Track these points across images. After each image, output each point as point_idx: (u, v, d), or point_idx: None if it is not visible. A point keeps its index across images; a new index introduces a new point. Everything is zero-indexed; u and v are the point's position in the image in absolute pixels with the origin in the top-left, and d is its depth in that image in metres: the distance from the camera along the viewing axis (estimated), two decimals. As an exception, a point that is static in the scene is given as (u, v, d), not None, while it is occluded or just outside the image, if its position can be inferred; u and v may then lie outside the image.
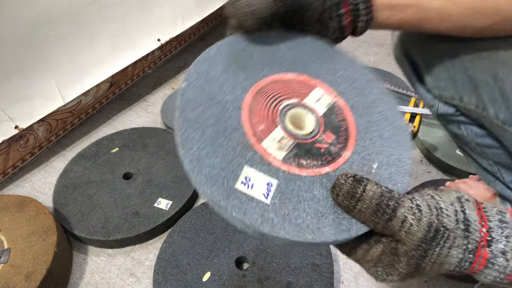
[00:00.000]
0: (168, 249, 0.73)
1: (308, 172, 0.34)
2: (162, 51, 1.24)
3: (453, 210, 0.32)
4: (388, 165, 0.36)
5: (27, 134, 0.93)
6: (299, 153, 0.35)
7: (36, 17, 0.87)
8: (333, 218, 0.33)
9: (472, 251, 0.31)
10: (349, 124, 0.38)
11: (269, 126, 0.36)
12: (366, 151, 0.37)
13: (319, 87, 0.40)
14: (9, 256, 0.68)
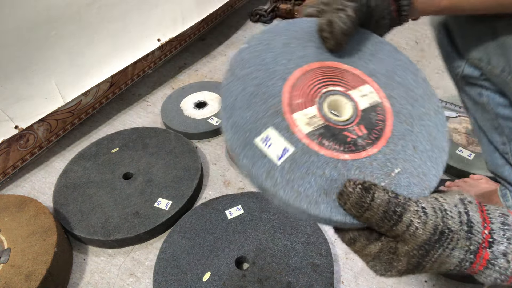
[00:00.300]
0: (168, 249, 0.73)
1: (327, 152, 0.35)
2: (162, 51, 1.24)
3: (457, 212, 0.32)
4: (411, 175, 0.36)
5: (27, 134, 0.93)
6: (325, 134, 0.36)
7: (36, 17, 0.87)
8: (335, 199, 0.34)
9: (474, 252, 0.32)
10: (386, 126, 0.39)
11: (306, 103, 0.38)
12: (393, 155, 0.37)
13: (369, 85, 0.41)
14: (9, 256, 0.68)
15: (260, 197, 0.80)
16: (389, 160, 0.37)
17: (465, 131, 0.90)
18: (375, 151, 0.37)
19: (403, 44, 1.30)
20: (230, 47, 1.39)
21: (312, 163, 0.35)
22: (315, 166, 0.35)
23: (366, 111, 0.39)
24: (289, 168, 0.34)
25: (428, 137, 0.39)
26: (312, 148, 0.36)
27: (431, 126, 0.40)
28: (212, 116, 1.04)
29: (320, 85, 0.39)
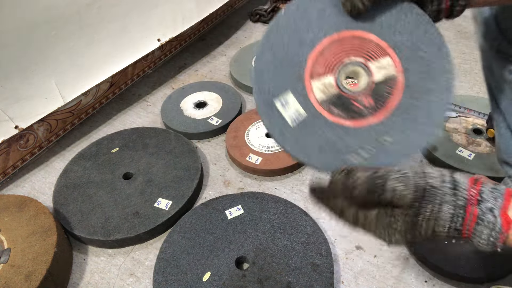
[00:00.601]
0: (168, 249, 0.73)
1: (333, 118, 0.42)
2: (162, 51, 1.24)
3: (439, 174, 0.36)
4: (400, 145, 0.42)
5: (27, 134, 0.93)
6: (336, 102, 0.42)
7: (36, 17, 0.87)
8: (332, 156, 0.42)
9: (462, 207, 0.34)
10: (393, 99, 0.42)
11: (326, 72, 0.43)
12: (391, 126, 0.42)
13: (390, 57, 0.43)
14: (9, 256, 0.68)
15: (260, 197, 0.80)
16: (386, 130, 0.42)
17: (465, 131, 0.90)
18: (376, 121, 0.42)
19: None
20: (230, 47, 1.39)
21: (318, 126, 0.42)
22: (319, 129, 0.42)
23: (379, 84, 0.42)
24: (298, 129, 0.42)
25: (429, 113, 0.42)
26: (321, 114, 0.42)
27: (435, 103, 0.42)
28: (212, 116, 1.04)
29: (343, 54, 0.43)
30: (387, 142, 0.42)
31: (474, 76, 1.13)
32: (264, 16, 1.51)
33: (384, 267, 0.71)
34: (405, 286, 0.68)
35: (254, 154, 0.91)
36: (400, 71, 0.42)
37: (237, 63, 1.25)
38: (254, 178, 0.90)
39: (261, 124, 0.99)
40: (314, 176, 0.89)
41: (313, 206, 0.82)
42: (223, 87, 1.15)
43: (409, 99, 0.42)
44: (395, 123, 0.42)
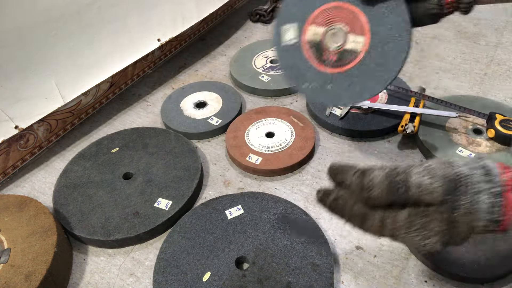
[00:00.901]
0: (168, 249, 0.73)
1: (307, 54, 0.62)
2: (162, 51, 1.24)
3: (465, 162, 0.32)
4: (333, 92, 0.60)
5: (27, 134, 0.93)
6: (315, 46, 0.61)
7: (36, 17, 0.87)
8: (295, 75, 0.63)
9: (499, 194, 0.30)
10: (347, 66, 0.58)
11: (321, 24, 0.60)
12: (335, 80, 0.59)
13: (364, 38, 0.57)
14: (9, 256, 0.68)
15: (260, 197, 0.80)
16: (331, 80, 0.59)
17: (465, 131, 0.90)
18: (329, 71, 0.60)
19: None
20: (230, 47, 1.39)
21: (296, 54, 0.62)
22: (296, 56, 0.62)
23: (346, 51, 0.58)
24: (285, 49, 0.63)
25: (362, 86, 0.57)
26: (302, 48, 0.62)
27: (373, 80, 0.56)
28: (212, 116, 1.04)
29: (337, 19, 0.59)
30: (328, 88, 0.60)
31: (474, 76, 1.13)
32: (264, 16, 1.51)
33: (384, 267, 0.71)
34: (405, 286, 0.68)
35: (254, 154, 0.91)
36: (364, 50, 0.57)
37: (237, 63, 1.25)
38: (254, 178, 0.90)
39: (261, 124, 0.99)
40: (313, 176, 0.89)
41: (313, 206, 0.82)
42: (223, 87, 1.15)
43: (356, 71, 0.57)
44: (338, 79, 0.59)
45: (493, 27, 1.33)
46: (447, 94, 1.07)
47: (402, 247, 0.73)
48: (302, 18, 0.62)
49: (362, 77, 0.57)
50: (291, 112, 1.02)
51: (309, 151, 0.91)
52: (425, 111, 0.94)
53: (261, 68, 1.21)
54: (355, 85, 0.57)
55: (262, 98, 1.14)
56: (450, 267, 0.66)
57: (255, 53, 1.28)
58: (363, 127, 0.95)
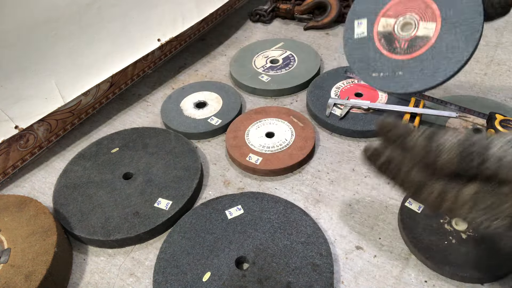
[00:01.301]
0: (168, 249, 0.73)
1: (378, 45, 0.65)
2: (162, 51, 1.24)
3: None
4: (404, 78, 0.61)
5: (27, 134, 0.93)
6: (386, 36, 0.64)
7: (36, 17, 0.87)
8: (363, 66, 0.67)
9: None
10: (419, 51, 0.61)
11: (393, 16, 0.64)
12: (406, 66, 0.62)
13: (435, 24, 0.59)
14: (9, 256, 0.68)
15: (260, 197, 0.80)
16: (402, 66, 0.62)
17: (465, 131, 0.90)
18: (401, 58, 0.62)
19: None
20: (230, 47, 1.39)
21: (367, 45, 0.66)
22: (367, 47, 0.66)
23: (417, 37, 0.61)
24: (356, 42, 0.68)
25: (435, 69, 0.58)
26: (374, 38, 0.66)
27: (445, 63, 0.58)
28: (212, 116, 1.04)
29: (409, 9, 0.62)
30: (398, 74, 0.61)
31: (474, 76, 1.13)
32: (264, 16, 1.51)
33: (384, 267, 0.71)
34: (405, 286, 0.68)
35: (254, 154, 0.91)
36: (436, 36, 0.59)
37: (237, 63, 1.25)
38: (254, 178, 0.90)
39: (261, 124, 0.99)
40: (313, 176, 0.89)
41: (313, 206, 0.82)
42: (223, 87, 1.15)
43: (428, 55, 0.59)
44: (409, 65, 0.61)
45: (493, 27, 1.33)
46: (447, 94, 1.07)
47: (402, 247, 0.73)
48: (374, 12, 0.67)
49: (434, 60, 0.58)
50: (291, 112, 1.02)
51: (309, 151, 0.91)
52: (425, 111, 0.94)
53: (261, 68, 1.21)
54: (427, 70, 0.58)
55: (262, 98, 1.14)
56: (450, 267, 0.66)
57: (255, 53, 1.28)
58: (363, 127, 0.95)
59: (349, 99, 1.02)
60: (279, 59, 1.24)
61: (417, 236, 0.71)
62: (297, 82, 1.14)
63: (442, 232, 0.71)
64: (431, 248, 0.69)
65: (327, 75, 1.13)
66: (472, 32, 0.55)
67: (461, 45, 0.56)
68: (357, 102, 1.00)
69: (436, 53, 0.58)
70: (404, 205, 0.77)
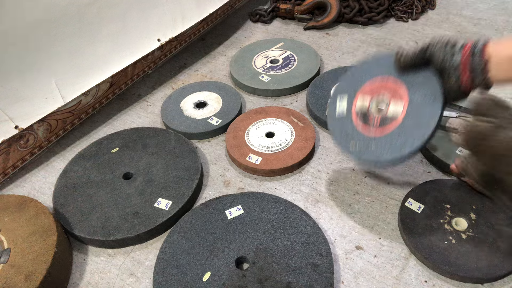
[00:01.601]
0: (168, 249, 0.73)
1: (355, 121, 0.72)
2: (162, 51, 1.24)
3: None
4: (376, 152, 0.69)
5: (27, 134, 0.93)
6: (362, 113, 0.72)
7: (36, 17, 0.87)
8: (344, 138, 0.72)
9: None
10: (389, 128, 0.68)
11: (368, 95, 0.72)
12: (377, 141, 0.69)
13: (403, 105, 0.67)
14: (9, 256, 0.68)
15: (260, 197, 0.80)
16: (374, 142, 0.69)
17: (465, 131, 0.90)
18: (373, 134, 0.69)
19: (403, 44, 1.30)
20: (230, 47, 1.39)
21: (346, 122, 0.73)
22: (346, 123, 0.73)
23: (388, 115, 0.69)
24: (338, 119, 0.74)
25: (402, 144, 0.66)
26: (352, 116, 0.73)
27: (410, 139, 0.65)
28: (212, 116, 1.04)
29: (382, 90, 0.70)
30: (371, 148, 0.68)
31: (474, 76, 1.13)
32: (264, 16, 1.51)
33: (384, 267, 0.71)
34: (405, 286, 0.68)
35: (254, 154, 0.91)
36: (403, 115, 0.67)
37: (237, 63, 1.25)
38: (254, 178, 0.90)
39: (261, 124, 0.99)
40: (313, 176, 0.89)
41: (313, 206, 0.82)
42: (223, 87, 1.15)
43: (396, 131, 0.67)
44: (381, 140, 0.68)
45: (493, 27, 1.33)
46: (447, 94, 1.06)
47: (402, 247, 0.73)
48: (354, 89, 0.74)
49: (401, 137, 0.66)
50: (291, 112, 1.02)
51: (309, 151, 0.91)
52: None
53: (261, 68, 1.21)
54: (395, 144, 0.66)
55: (262, 98, 1.14)
56: (450, 267, 0.66)
57: (255, 53, 1.28)
58: (363, 127, 0.95)
59: (349, 99, 1.02)
60: (279, 59, 1.24)
61: (417, 236, 0.71)
62: (297, 82, 1.14)
63: (442, 232, 0.71)
64: (431, 248, 0.69)
65: (327, 75, 1.13)
66: (433, 114, 0.64)
67: (424, 124, 0.64)
68: (357, 102, 1.00)
69: (403, 130, 0.66)
70: (404, 205, 0.77)
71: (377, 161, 0.67)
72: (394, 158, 0.66)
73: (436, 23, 1.39)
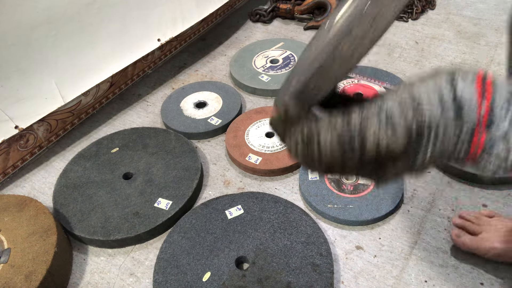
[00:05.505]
0: (168, 249, 0.73)
1: (331, 187, 0.81)
2: (162, 51, 1.24)
3: (437, 98, 0.26)
4: (354, 212, 0.78)
5: (27, 134, 0.93)
6: (335, 181, 0.79)
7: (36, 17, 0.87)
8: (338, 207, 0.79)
9: (468, 141, 0.26)
10: (367, 190, 0.80)
11: None
12: (366, 200, 0.79)
13: None
14: (9, 256, 0.68)
15: (260, 197, 0.80)
16: (351, 203, 0.78)
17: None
18: (351, 196, 0.79)
19: (403, 44, 1.30)
20: (230, 47, 1.39)
21: (321, 185, 0.81)
22: (321, 186, 0.81)
23: (360, 184, 0.79)
24: (312, 181, 0.82)
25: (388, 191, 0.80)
26: (325, 181, 0.82)
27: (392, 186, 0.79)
28: (212, 116, 1.04)
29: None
30: (350, 207, 0.77)
31: (474, 76, 1.13)
32: (264, 16, 1.51)
33: (384, 267, 0.71)
34: (405, 286, 0.68)
35: (254, 154, 0.91)
36: (373, 185, 0.78)
37: (237, 63, 1.25)
38: (254, 178, 0.90)
39: (261, 124, 0.99)
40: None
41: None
42: (223, 87, 1.15)
43: (370, 196, 0.78)
44: (357, 201, 0.77)
45: (493, 27, 1.33)
46: (447, 94, 1.07)
47: (403, 247, 0.73)
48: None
49: (376, 200, 0.77)
50: (291, 112, 1.02)
51: (309, 151, 0.91)
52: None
53: (261, 68, 1.21)
54: (371, 205, 0.76)
55: (262, 98, 1.14)
56: None
57: (255, 53, 1.28)
58: (363, 127, 0.95)
59: (349, 99, 1.02)
60: (279, 59, 1.24)
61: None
62: (297, 82, 1.13)
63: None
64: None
65: (327, 75, 1.13)
66: (399, 185, 0.79)
67: (392, 192, 0.78)
68: (357, 102, 1.00)
69: (375, 196, 0.78)
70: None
71: (357, 219, 0.75)
72: (373, 217, 0.75)
73: (436, 23, 1.39)
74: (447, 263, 0.70)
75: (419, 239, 0.74)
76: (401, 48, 1.28)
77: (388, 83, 1.10)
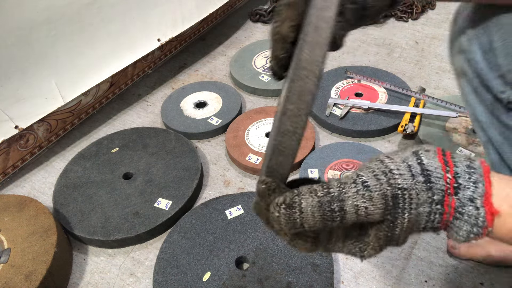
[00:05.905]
0: (168, 249, 0.73)
1: None
2: (162, 51, 1.24)
3: (406, 166, 0.29)
4: None
5: (27, 134, 0.93)
6: None
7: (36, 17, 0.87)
8: None
9: (439, 202, 0.28)
10: None
11: (338, 170, 0.84)
12: None
13: None
14: (9, 256, 0.68)
15: (260, 197, 0.80)
16: None
17: (465, 131, 0.90)
18: None
19: (403, 44, 1.30)
20: (230, 47, 1.39)
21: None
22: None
23: None
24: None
25: None
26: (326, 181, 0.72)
27: None
28: (212, 116, 1.04)
29: (350, 167, 0.83)
30: None
31: (474, 76, 1.13)
32: (264, 16, 1.51)
33: (384, 267, 0.71)
34: (405, 286, 0.68)
35: (254, 154, 0.91)
36: None
37: (237, 63, 1.25)
38: (254, 178, 0.90)
39: (261, 124, 0.99)
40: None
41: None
42: (223, 87, 1.15)
43: None
44: None
45: (493, 27, 1.33)
46: (447, 94, 1.07)
47: (403, 247, 0.73)
48: (324, 165, 0.86)
49: None
50: (291, 112, 1.02)
51: (309, 151, 0.91)
52: (425, 111, 0.94)
53: (261, 68, 1.21)
54: None
55: (262, 98, 1.14)
56: None
57: (255, 53, 1.28)
58: (363, 127, 0.95)
59: (349, 99, 1.02)
60: (279, 59, 1.24)
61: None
62: (297, 82, 1.14)
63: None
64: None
65: (327, 75, 1.13)
66: None
67: None
68: (357, 102, 1.00)
69: None
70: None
71: None
72: None
73: (436, 23, 1.39)
74: (447, 263, 0.70)
75: (419, 239, 0.74)
76: (401, 48, 1.28)
77: (388, 83, 1.10)
